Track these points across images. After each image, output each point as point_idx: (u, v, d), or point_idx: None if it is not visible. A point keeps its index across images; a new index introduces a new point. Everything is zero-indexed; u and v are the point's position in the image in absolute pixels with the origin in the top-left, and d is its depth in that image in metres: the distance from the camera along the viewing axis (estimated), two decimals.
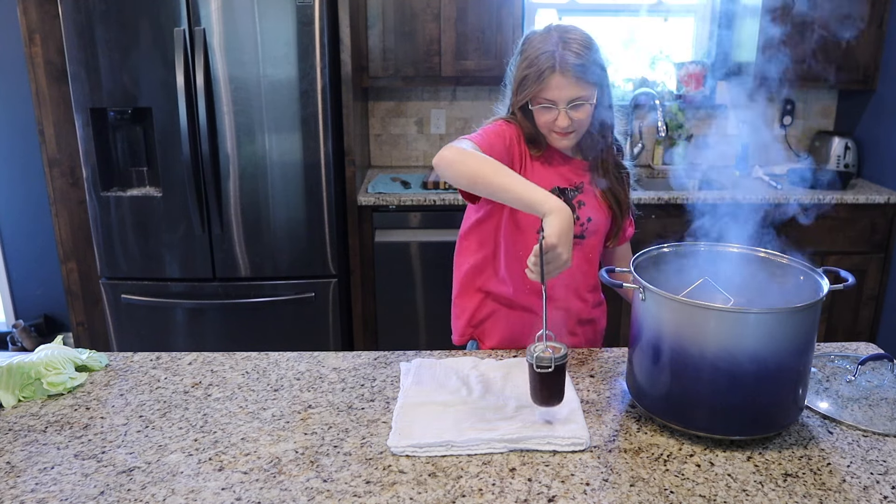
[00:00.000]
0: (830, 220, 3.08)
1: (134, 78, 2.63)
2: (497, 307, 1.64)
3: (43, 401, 1.33)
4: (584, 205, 1.57)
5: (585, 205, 1.57)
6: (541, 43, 1.44)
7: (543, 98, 1.44)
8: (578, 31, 1.46)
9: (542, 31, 1.47)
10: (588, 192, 1.58)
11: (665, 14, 3.54)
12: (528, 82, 1.44)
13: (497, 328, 1.64)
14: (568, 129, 1.47)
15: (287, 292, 2.87)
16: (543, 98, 1.44)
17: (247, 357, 1.52)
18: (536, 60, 1.43)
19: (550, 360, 1.17)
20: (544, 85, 1.43)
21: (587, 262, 1.62)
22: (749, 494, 1.06)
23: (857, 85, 3.26)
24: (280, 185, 2.76)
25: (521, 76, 1.46)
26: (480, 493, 1.06)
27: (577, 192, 1.57)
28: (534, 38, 1.46)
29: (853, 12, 3.13)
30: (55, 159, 2.92)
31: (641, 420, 1.26)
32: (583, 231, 1.57)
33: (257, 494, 1.05)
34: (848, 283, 1.22)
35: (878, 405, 1.29)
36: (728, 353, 1.13)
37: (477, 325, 1.67)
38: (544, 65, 1.41)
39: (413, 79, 3.17)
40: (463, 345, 1.71)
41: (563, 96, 1.43)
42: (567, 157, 1.58)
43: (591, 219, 1.57)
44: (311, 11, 2.60)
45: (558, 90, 1.43)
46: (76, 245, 3.01)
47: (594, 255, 1.62)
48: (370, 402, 1.32)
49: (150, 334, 2.91)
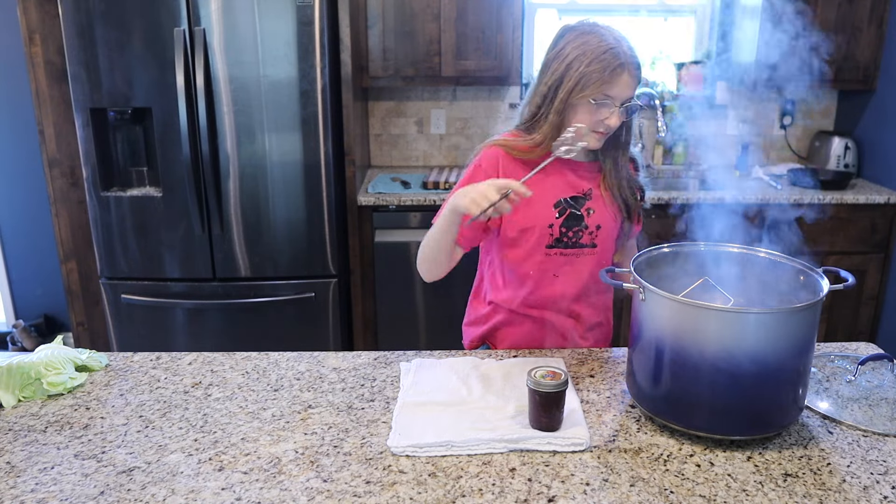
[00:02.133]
0: (830, 220, 3.08)
1: (134, 78, 2.63)
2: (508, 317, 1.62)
3: (43, 401, 1.33)
4: (594, 212, 1.54)
5: (595, 212, 1.54)
6: (602, 39, 1.41)
7: (605, 95, 1.42)
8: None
9: (588, 27, 1.45)
10: (597, 198, 1.54)
11: (665, 14, 3.54)
12: (592, 79, 1.40)
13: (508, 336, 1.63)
14: (612, 129, 1.45)
15: (287, 292, 2.87)
16: (605, 95, 1.42)
17: (247, 357, 1.52)
18: (603, 57, 1.39)
19: (550, 386, 1.17)
20: (611, 82, 1.40)
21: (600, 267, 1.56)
22: (749, 494, 1.06)
23: (857, 85, 3.27)
24: (280, 185, 2.76)
25: (583, 73, 1.40)
26: (480, 493, 1.06)
27: (587, 198, 1.54)
28: (589, 36, 1.43)
29: (853, 12, 3.13)
30: (55, 159, 2.92)
31: (641, 420, 1.26)
32: (593, 240, 1.54)
33: (257, 494, 1.05)
34: (848, 283, 1.22)
35: (878, 405, 1.29)
36: (728, 354, 1.13)
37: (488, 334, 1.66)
38: (614, 62, 1.39)
39: (413, 79, 3.17)
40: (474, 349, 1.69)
41: (624, 95, 1.42)
42: (574, 164, 1.54)
43: (601, 226, 1.54)
44: (311, 11, 2.60)
45: (623, 88, 1.41)
46: (76, 245, 3.01)
47: (607, 261, 1.59)
48: (370, 402, 1.32)
49: (150, 334, 2.91)
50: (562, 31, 1.49)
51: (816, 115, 3.61)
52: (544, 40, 3.51)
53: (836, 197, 3.05)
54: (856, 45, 3.18)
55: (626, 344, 1.37)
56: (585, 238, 1.54)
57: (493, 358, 1.50)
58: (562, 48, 1.46)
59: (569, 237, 1.53)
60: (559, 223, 1.52)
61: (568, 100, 1.43)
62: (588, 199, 1.54)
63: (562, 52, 1.45)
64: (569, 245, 1.54)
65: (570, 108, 1.45)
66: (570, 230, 1.53)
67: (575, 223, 1.53)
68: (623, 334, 3.12)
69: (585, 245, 1.54)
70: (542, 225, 1.52)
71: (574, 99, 1.43)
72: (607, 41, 1.41)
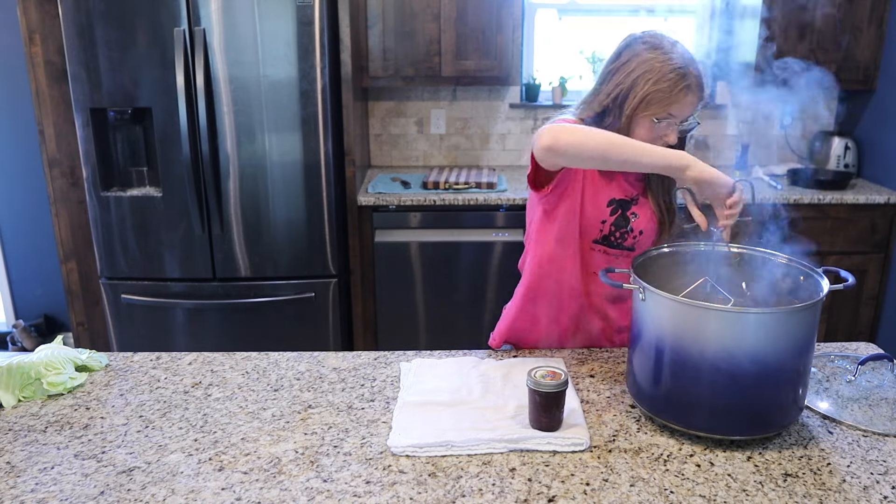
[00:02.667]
0: (830, 220, 3.08)
1: (134, 78, 2.63)
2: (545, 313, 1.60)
3: (43, 401, 1.33)
4: (637, 217, 1.54)
5: (638, 217, 1.54)
6: (670, 58, 1.41)
7: (668, 114, 1.42)
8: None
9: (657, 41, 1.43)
10: (642, 204, 1.55)
11: (665, 14, 3.53)
12: (657, 98, 1.40)
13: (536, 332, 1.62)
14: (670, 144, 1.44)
15: (287, 292, 2.87)
16: (668, 114, 1.42)
17: (247, 357, 1.52)
18: (670, 77, 1.39)
19: (550, 386, 1.17)
20: (677, 102, 1.40)
21: None
22: (749, 494, 1.06)
23: (857, 85, 3.26)
24: (280, 185, 2.76)
25: (648, 91, 1.40)
26: (480, 493, 1.06)
27: (633, 203, 1.54)
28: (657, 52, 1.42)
29: (853, 12, 3.13)
30: (55, 159, 2.92)
31: (641, 420, 1.26)
32: (634, 244, 1.55)
33: (257, 494, 1.05)
34: (848, 283, 1.22)
35: (878, 405, 1.29)
36: (728, 354, 1.13)
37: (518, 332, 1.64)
38: (680, 83, 1.39)
39: (413, 79, 3.17)
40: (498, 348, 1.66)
41: (685, 114, 1.43)
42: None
43: (643, 231, 1.55)
44: (311, 11, 2.60)
45: (686, 107, 1.42)
46: (76, 245, 3.01)
47: None
48: (370, 402, 1.32)
49: (150, 334, 2.91)
50: (628, 40, 1.47)
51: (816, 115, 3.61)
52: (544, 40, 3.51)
53: (836, 197, 3.04)
54: (856, 45, 3.18)
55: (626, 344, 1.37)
56: (629, 241, 1.54)
57: (493, 358, 1.50)
58: (627, 60, 1.44)
59: (616, 237, 1.54)
60: (611, 221, 1.53)
61: (633, 115, 1.43)
62: (635, 203, 1.54)
63: (627, 65, 1.43)
64: (613, 245, 1.54)
65: (634, 121, 1.45)
66: (619, 230, 1.53)
67: (623, 225, 1.54)
68: None
69: (627, 248, 1.55)
70: (596, 218, 1.52)
71: (638, 115, 1.43)
72: (674, 61, 1.40)
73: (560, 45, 3.51)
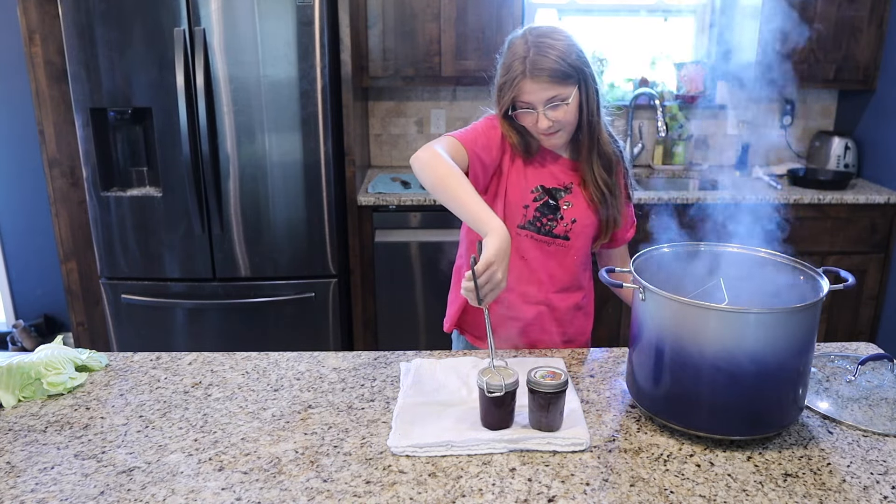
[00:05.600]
0: (830, 220, 3.08)
1: (134, 78, 2.63)
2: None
3: (43, 401, 1.33)
4: (571, 206, 1.58)
5: (572, 206, 1.57)
6: (515, 49, 1.48)
7: (521, 102, 1.48)
8: (552, 33, 1.47)
9: (519, 35, 1.51)
10: (577, 194, 1.58)
11: (665, 14, 3.54)
12: (506, 89, 1.48)
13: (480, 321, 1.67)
14: (550, 129, 1.49)
15: (287, 292, 2.87)
16: (521, 102, 1.48)
17: (247, 357, 1.52)
18: (511, 67, 1.47)
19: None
20: (518, 90, 1.46)
21: (571, 262, 1.61)
22: (749, 494, 1.06)
23: (857, 85, 3.27)
24: (280, 185, 2.76)
25: (500, 84, 1.50)
26: (480, 493, 1.06)
27: (566, 192, 1.58)
28: (510, 44, 1.51)
29: (853, 12, 3.13)
30: (55, 159, 2.92)
31: (641, 420, 1.26)
32: (566, 232, 1.58)
33: (257, 494, 1.05)
34: (848, 283, 1.22)
35: (878, 405, 1.29)
36: (728, 353, 1.13)
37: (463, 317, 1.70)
38: (517, 71, 1.45)
39: (413, 79, 3.17)
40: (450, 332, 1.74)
41: (537, 99, 1.46)
42: (558, 156, 1.59)
43: (576, 220, 1.58)
44: (311, 11, 2.60)
45: (532, 94, 1.46)
46: (76, 245, 3.01)
47: (578, 256, 1.62)
48: (370, 402, 1.33)
49: (150, 334, 2.91)
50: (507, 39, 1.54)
51: (816, 115, 3.61)
52: None
53: (836, 197, 3.04)
54: (856, 45, 3.18)
55: (625, 344, 1.37)
56: (559, 229, 1.57)
57: None
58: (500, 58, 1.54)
59: (542, 223, 1.56)
60: (534, 207, 1.56)
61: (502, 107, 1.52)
62: (568, 192, 1.58)
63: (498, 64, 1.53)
64: (541, 231, 1.57)
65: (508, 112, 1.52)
66: (545, 217, 1.57)
67: (550, 212, 1.57)
68: (623, 334, 3.12)
69: (558, 236, 1.57)
70: (518, 203, 1.56)
71: (505, 106, 1.50)
72: (518, 51, 1.46)
73: None
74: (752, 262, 1.35)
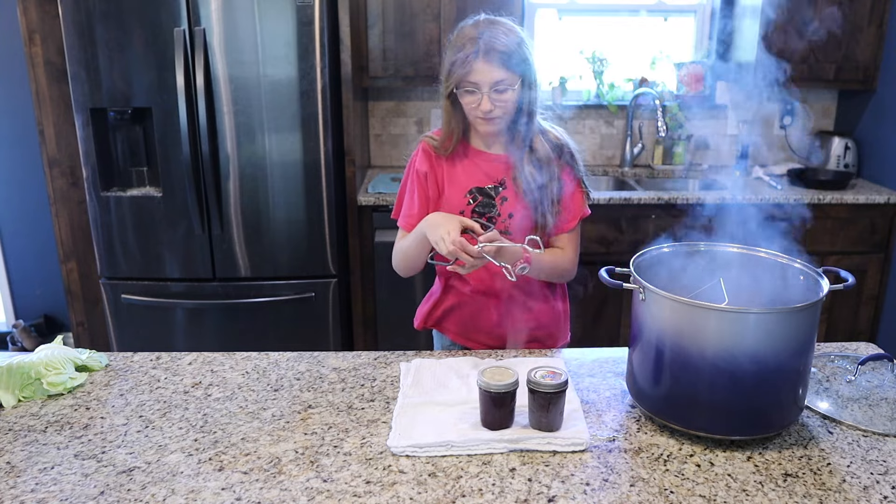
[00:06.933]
0: (830, 220, 3.08)
1: (134, 78, 2.63)
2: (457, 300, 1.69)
3: (43, 401, 1.33)
4: (507, 200, 1.60)
5: (508, 200, 1.60)
6: (468, 31, 1.52)
7: (468, 82, 1.50)
8: (506, 23, 1.54)
9: (472, 22, 1.54)
10: (510, 188, 1.61)
11: (665, 14, 3.54)
12: (456, 67, 1.50)
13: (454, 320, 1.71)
14: (490, 113, 1.52)
15: (287, 292, 2.87)
16: (468, 82, 1.50)
17: (247, 357, 1.52)
18: (463, 47, 1.50)
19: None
20: (469, 69, 1.49)
21: None
22: (749, 494, 1.06)
23: (857, 85, 3.26)
24: (280, 185, 2.76)
25: (450, 62, 1.52)
26: (480, 493, 1.06)
27: (501, 188, 1.61)
28: (463, 28, 1.55)
29: (853, 12, 3.13)
30: (55, 159, 2.92)
31: (641, 420, 1.26)
32: (507, 227, 1.60)
33: (257, 494, 1.05)
34: (848, 283, 1.22)
35: (878, 405, 1.29)
36: (728, 353, 1.13)
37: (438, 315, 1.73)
38: (469, 50, 1.48)
39: (413, 79, 3.17)
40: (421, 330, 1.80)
41: (485, 80, 1.49)
42: (490, 156, 1.62)
43: (513, 215, 1.60)
44: (311, 11, 2.60)
45: (481, 74, 1.48)
46: (76, 245, 3.01)
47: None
48: (370, 402, 1.33)
49: (150, 334, 2.90)
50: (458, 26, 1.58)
51: (816, 115, 3.61)
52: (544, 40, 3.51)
53: (836, 197, 3.04)
54: (856, 45, 3.18)
55: (625, 344, 1.37)
56: (499, 225, 1.59)
57: (493, 358, 1.50)
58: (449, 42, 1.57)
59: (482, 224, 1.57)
60: (470, 209, 1.60)
61: (448, 89, 1.54)
62: (503, 188, 1.61)
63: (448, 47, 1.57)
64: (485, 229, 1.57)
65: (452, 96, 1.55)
66: (484, 216, 1.60)
67: (487, 210, 1.60)
68: (623, 334, 3.12)
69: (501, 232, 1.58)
70: (455, 208, 1.60)
71: (450, 89, 1.54)
72: (472, 33, 1.50)
73: (560, 45, 3.51)
74: (752, 262, 1.35)
